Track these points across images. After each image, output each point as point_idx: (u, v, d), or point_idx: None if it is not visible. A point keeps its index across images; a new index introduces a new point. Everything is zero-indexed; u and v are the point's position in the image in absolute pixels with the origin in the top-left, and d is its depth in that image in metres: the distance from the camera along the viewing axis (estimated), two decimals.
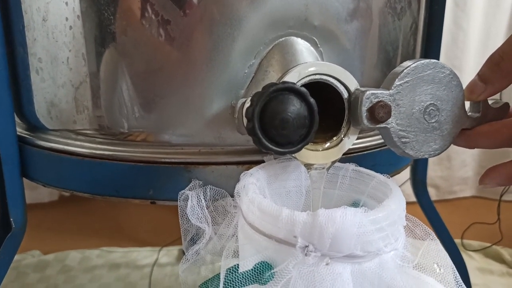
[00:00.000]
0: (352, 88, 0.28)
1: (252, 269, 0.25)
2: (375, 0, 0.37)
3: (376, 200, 0.30)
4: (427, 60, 0.28)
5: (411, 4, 0.41)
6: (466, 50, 1.10)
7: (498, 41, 1.10)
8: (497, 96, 0.30)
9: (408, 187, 0.61)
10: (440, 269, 0.27)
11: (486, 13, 1.10)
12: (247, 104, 0.26)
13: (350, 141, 0.29)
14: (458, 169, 1.19)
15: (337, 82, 0.28)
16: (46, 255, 0.86)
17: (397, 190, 0.28)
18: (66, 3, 0.34)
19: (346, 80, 0.28)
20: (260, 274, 0.25)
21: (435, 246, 0.28)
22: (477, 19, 1.09)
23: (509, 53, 0.27)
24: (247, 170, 0.31)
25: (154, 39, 0.33)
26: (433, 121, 0.29)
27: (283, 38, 0.34)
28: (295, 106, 0.25)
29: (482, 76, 0.29)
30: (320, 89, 0.28)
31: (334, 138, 0.29)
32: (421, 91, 0.28)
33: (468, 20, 1.08)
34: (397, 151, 0.29)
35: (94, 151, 0.36)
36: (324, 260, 0.24)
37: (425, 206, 0.61)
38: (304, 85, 0.27)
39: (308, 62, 0.31)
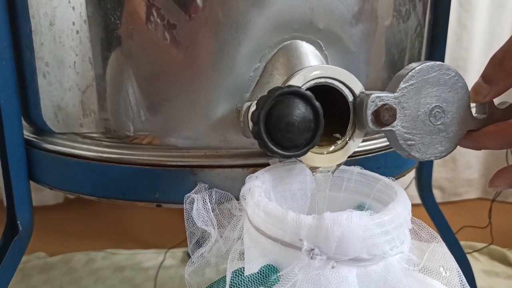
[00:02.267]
0: (357, 91, 0.28)
1: (257, 272, 0.25)
2: (380, 2, 0.37)
3: (381, 203, 0.30)
4: (432, 62, 0.28)
5: (416, 6, 0.41)
6: (471, 51, 1.10)
7: (502, 41, 1.09)
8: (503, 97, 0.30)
9: (413, 189, 0.61)
10: (446, 272, 0.27)
11: (490, 13, 1.09)
12: (253, 108, 0.26)
13: (355, 144, 0.29)
14: (463, 171, 1.18)
15: (342, 86, 0.28)
16: (51, 257, 0.86)
17: (402, 193, 0.28)
18: (73, 8, 0.35)
19: (351, 83, 0.28)
20: (265, 277, 0.25)
21: (441, 249, 0.28)
22: (481, 19, 1.09)
23: (511, 52, 0.27)
24: (253, 173, 0.31)
25: (159, 42, 0.33)
26: (438, 123, 0.29)
27: (288, 42, 0.34)
28: (300, 110, 0.25)
29: (485, 77, 0.29)
30: (325, 92, 0.28)
31: (339, 141, 0.29)
32: (426, 94, 0.28)
33: (473, 20, 1.08)
34: (403, 153, 0.29)
35: (100, 154, 0.37)
36: (330, 263, 0.24)
37: (430, 208, 0.61)
38: (309, 88, 0.27)
39: (313, 65, 0.31)
